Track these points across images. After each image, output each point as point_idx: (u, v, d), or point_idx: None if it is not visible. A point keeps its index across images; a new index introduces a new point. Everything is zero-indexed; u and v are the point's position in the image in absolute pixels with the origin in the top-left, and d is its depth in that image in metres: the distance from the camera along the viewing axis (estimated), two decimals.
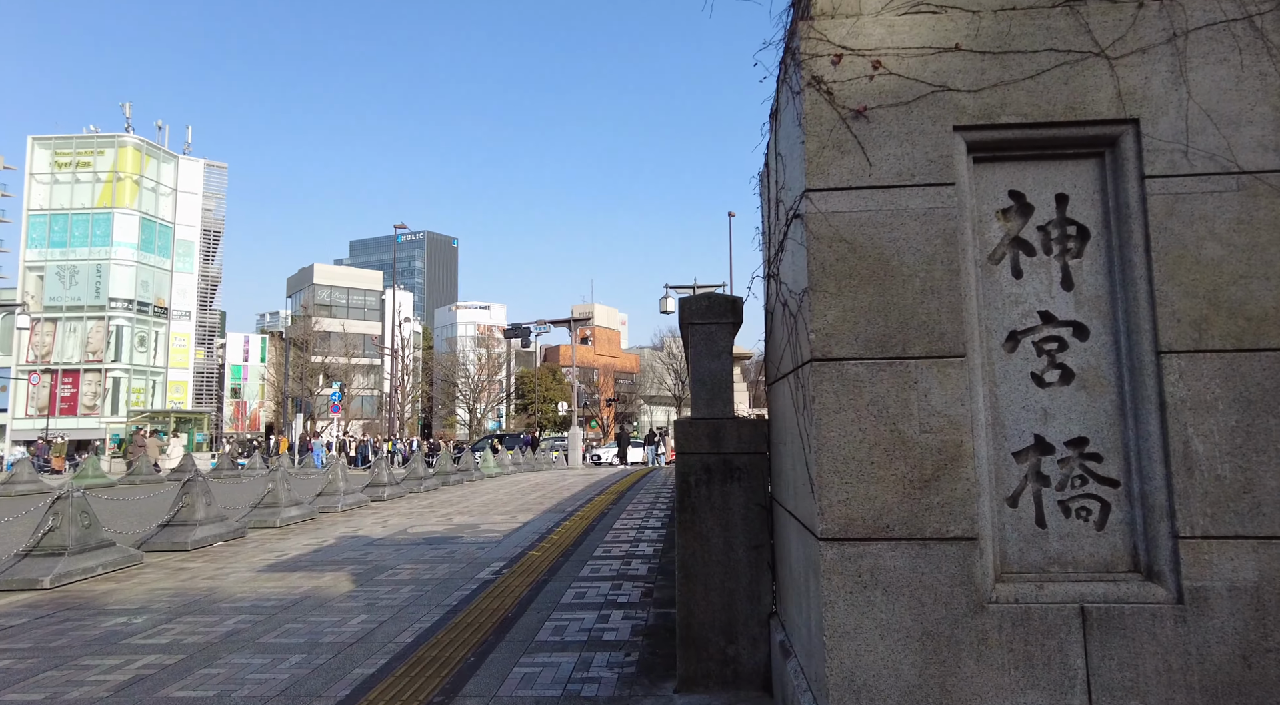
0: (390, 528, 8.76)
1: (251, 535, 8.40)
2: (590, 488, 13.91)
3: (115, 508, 11.20)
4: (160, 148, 58.95)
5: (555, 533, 7.93)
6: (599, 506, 10.37)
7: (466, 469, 16.68)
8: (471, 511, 10.27)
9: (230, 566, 6.52)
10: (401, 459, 30.86)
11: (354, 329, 66.63)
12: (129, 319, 54.20)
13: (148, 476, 18.00)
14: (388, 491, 12.29)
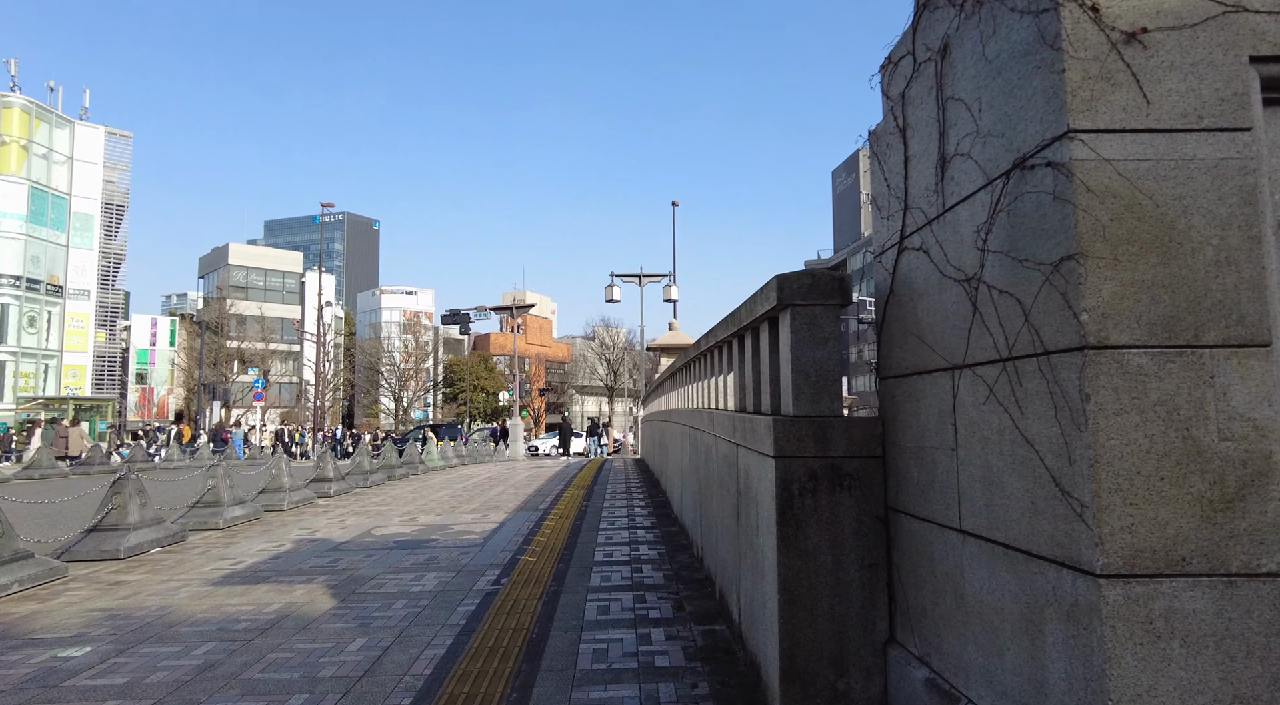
0: (350, 529, 7.97)
1: (193, 539, 7.46)
2: (551, 482, 13.29)
3: (19, 510, 9.92)
4: (53, 111, 54.19)
5: (540, 535, 7.33)
6: (572, 503, 9.80)
7: (411, 462, 15.75)
8: (434, 510, 9.53)
9: (178, 578, 5.67)
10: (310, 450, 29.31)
11: (272, 313, 63.33)
12: (15, 297, 49.76)
13: (48, 470, 16.27)
14: (334, 487, 11.36)
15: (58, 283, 53.03)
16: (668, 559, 6.00)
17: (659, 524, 7.77)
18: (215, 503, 8.28)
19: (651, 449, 14.67)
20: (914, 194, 2.64)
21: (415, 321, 76.16)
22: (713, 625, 4.20)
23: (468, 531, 7.64)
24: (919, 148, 2.59)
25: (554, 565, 5.86)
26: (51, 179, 53.51)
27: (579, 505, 9.53)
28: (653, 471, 14.21)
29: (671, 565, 5.77)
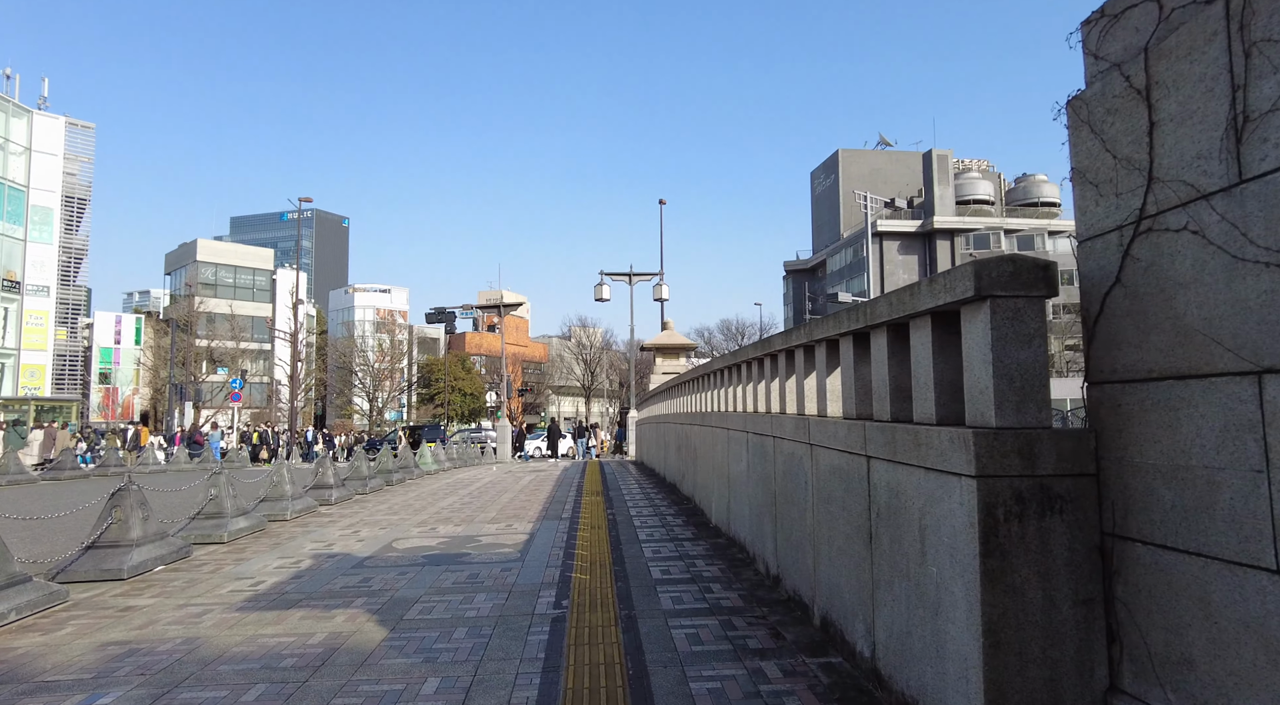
0: (369, 542, 7.40)
1: (198, 554, 6.85)
2: (560, 487, 12.77)
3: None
4: (9, 99, 52.11)
5: (580, 548, 6.84)
6: (596, 511, 9.31)
7: (406, 466, 15.10)
8: (450, 518, 8.97)
9: (195, 603, 5.09)
10: (284, 453, 28.29)
11: (242, 311, 61.66)
12: None
13: (16, 476, 15.31)
14: (336, 494, 10.73)
15: (15, 278, 51.00)
16: (732, 576, 5.56)
17: (702, 535, 7.32)
18: (218, 514, 7.65)
19: (660, 451, 14.21)
20: (1168, 164, 2.23)
21: (390, 320, 74.81)
22: (826, 657, 3.77)
23: (498, 544, 7.12)
24: (1181, 109, 2.18)
25: (611, 584, 5.38)
26: (8, 170, 51.48)
27: (604, 513, 9.05)
28: (661, 474, 13.76)
29: (740, 583, 5.33)
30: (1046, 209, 64.51)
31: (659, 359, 22.32)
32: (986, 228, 60.16)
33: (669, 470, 12.53)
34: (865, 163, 69.08)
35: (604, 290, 28.13)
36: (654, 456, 15.72)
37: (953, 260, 59.88)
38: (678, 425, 11.13)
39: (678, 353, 22.29)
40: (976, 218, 61.36)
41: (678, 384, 11.80)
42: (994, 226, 60.46)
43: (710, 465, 8.06)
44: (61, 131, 56.27)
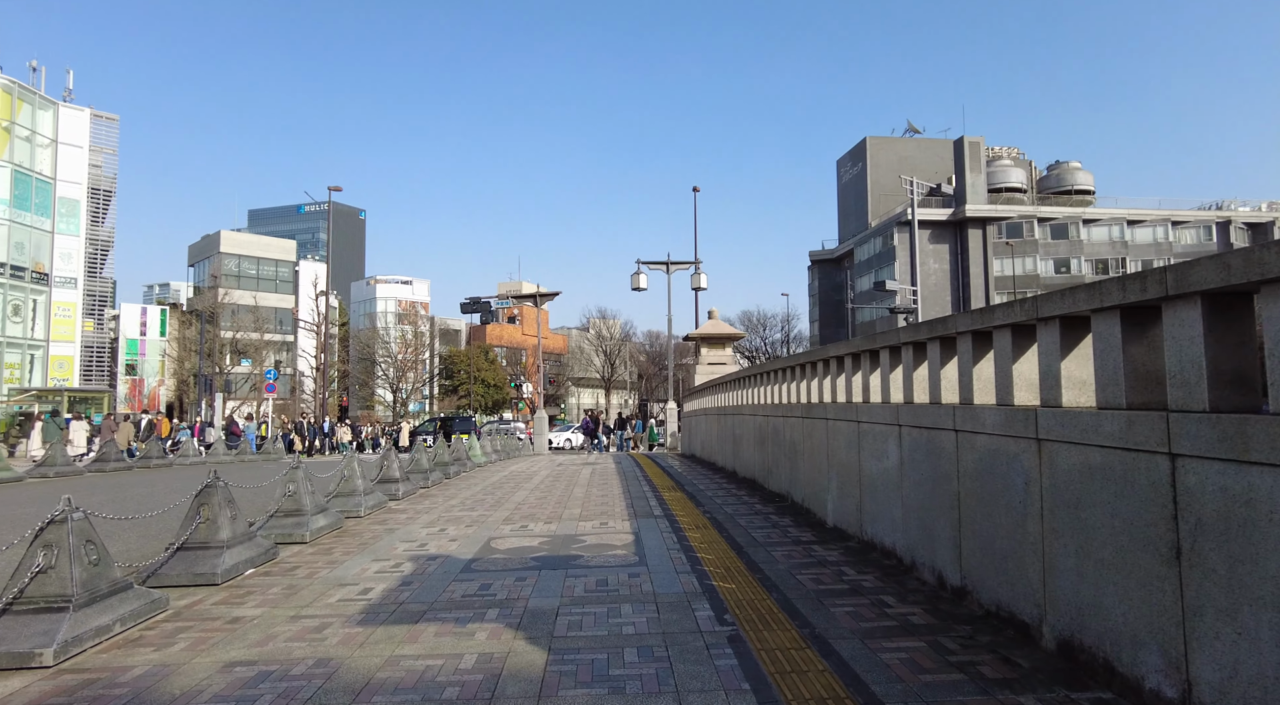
0: (461, 541, 6.86)
1: (284, 555, 6.34)
2: (628, 479, 12.23)
3: None
4: (36, 92, 52.10)
5: (701, 552, 6.28)
6: (686, 508, 8.75)
7: (460, 459, 14.61)
8: (535, 515, 8.43)
9: (306, 613, 4.57)
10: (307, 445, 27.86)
11: (265, 302, 61.61)
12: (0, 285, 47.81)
13: (63, 468, 14.96)
14: (402, 489, 10.24)
15: (43, 270, 51.11)
16: (896, 586, 4.96)
17: (826, 538, 6.73)
18: (297, 511, 7.14)
19: (728, 446, 13.62)
20: None
21: (412, 311, 74.57)
22: (1090, 691, 3.16)
23: (606, 545, 6.56)
24: None
25: (766, 594, 4.80)
26: (35, 162, 51.53)
27: (697, 511, 8.48)
28: (730, 469, 13.18)
29: (912, 595, 4.73)
30: (1080, 196, 63.17)
31: (704, 349, 21.71)
32: (1019, 216, 58.95)
33: (743, 465, 11.93)
34: (894, 151, 67.90)
35: (641, 279, 27.51)
36: (715, 450, 15.13)
37: (985, 249, 58.78)
38: (759, 418, 10.52)
39: (724, 342, 21.67)
40: (1008, 206, 60.15)
41: (754, 373, 11.19)
42: (1027, 215, 59.23)
43: (821, 461, 7.46)
44: (87, 123, 56.29)
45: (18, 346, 49.11)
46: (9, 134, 49.55)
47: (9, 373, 47.94)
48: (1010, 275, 57.91)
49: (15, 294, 49.29)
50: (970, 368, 4.60)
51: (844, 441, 6.76)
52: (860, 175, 69.37)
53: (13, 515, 9.39)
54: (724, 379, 13.85)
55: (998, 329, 4.31)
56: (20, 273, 49.64)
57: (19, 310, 49.63)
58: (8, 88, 49.89)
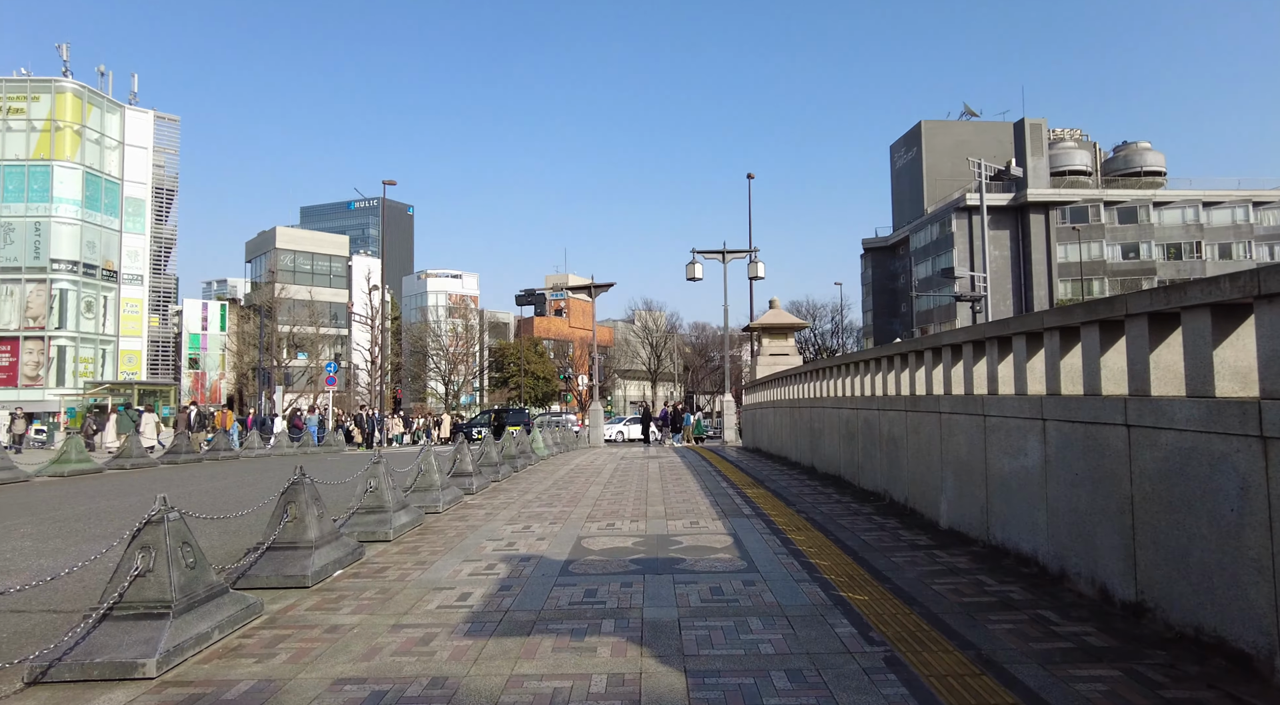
0: (549, 540, 6.53)
1: (369, 555, 6.08)
2: (700, 475, 11.80)
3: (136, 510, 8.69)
4: (104, 96, 53.79)
5: (809, 556, 5.82)
6: (775, 506, 8.29)
7: (525, 452, 14.39)
8: (618, 512, 8.06)
9: (407, 622, 4.25)
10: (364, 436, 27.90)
11: (319, 297, 62.83)
12: (74, 283, 49.67)
13: (139, 460, 15.22)
14: (475, 483, 10.00)
15: (112, 268, 52.87)
16: (1050, 598, 4.43)
17: (947, 542, 6.20)
18: (379, 508, 6.89)
19: (805, 440, 13.08)
20: None
21: (462, 304, 75.30)
22: None
23: (706, 547, 6.15)
24: None
25: (905, 607, 4.33)
26: (104, 164, 53.21)
27: (789, 510, 8.01)
28: (808, 465, 12.66)
29: (1074, 610, 4.20)
30: (1150, 178, 60.34)
31: (765, 339, 21.13)
32: (1084, 200, 56.59)
33: (823, 460, 11.40)
34: (950, 134, 65.84)
35: (696, 269, 26.97)
36: (786, 444, 14.60)
37: (1047, 234, 56.61)
38: (846, 411, 9.98)
39: (786, 332, 21.06)
40: (1072, 190, 57.77)
41: (839, 364, 10.64)
42: (1092, 198, 56.80)
43: (931, 458, 6.91)
44: (150, 125, 57.92)
45: (91, 341, 50.95)
46: (80, 137, 51.29)
47: (83, 367, 49.81)
48: (1075, 262, 55.65)
49: (88, 291, 51.09)
50: (1145, 355, 4.03)
51: (964, 437, 6.21)
52: (915, 160, 67.46)
53: (99, 508, 9.41)
54: (798, 370, 13.30)
55: (1189, 310, 3.74)
56: (92, 271, 51.42)
57: (91, 307, 51.46)
58: (78, 93, 51.63)
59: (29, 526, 7.79)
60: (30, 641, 4.15)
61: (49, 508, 9.37)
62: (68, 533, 7.41)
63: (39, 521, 8.13)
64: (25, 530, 7.55)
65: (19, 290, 48.69)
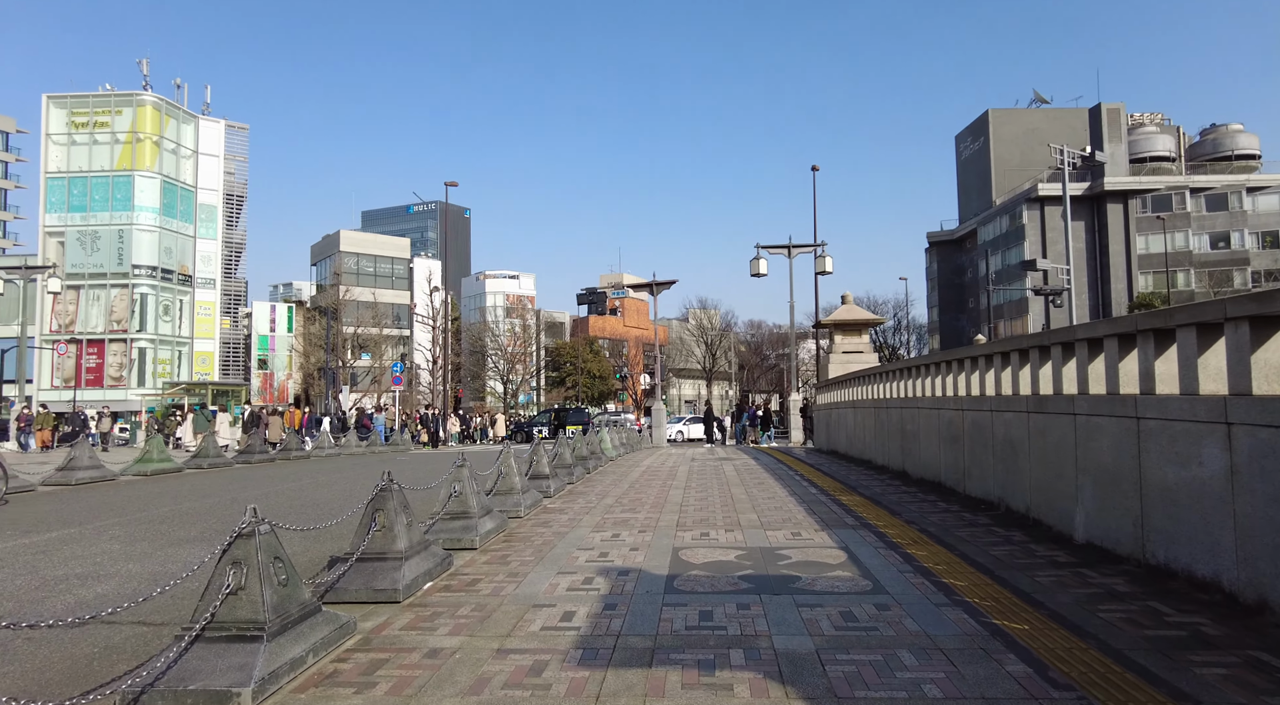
0: (643, 551, 6.10)
1: (458, 564, 5.76)
2: (779, 479, 11.24)
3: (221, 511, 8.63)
4: (180, 107, 55.90)
5: (936, 570, 5.24)
6: (878, 514, 7.69)
7: (596, 452, 14.06)
8: (707, 519, 7.59)
9: (513, 647, 3.86)
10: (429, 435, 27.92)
11: (382, 298, 64.10)
12: (153, 287, 51.75)
13: (215, 459, 15.46)
14: (552, 485, 9.67)
15: (187, 272, 54.90)
16: (1254, 636, 3.78)
17: (1093, 559, 5.54)
18: (464, 513, 6.58)
19: (893, 442, 12.38)
20: None
21: (519, 305, 75.95)
22: None
23: (816, 562, 5.62)
24: None
25: (1078, 640, 3.74)
26: (180, 172, 55.22)
27: (891, 518, 7.41)
28: (898, 469, 11.97)
29: None
30: (1242, 162, 56.77)
31: (838, 336, 20.35)
32: (1167, 187, 53.55)
33: (917, 464, 10.70)
34: (1019, 123, 63.24)
35: (761, 264, 26.32)
36: (870, 447, 13.89)
37: (1126, 225, 53.83)
38: (948, 412, 9.29)
39: (860, 329, 20.24)
40: (1155, 177, 54.75)
41: (937, 362, 9.94)
42: (1177, 185, 53.72)
43: (1062, 463, 6.24)
44: (221, 134, 59.96)
45: (168, 343, 52.97)
46: (159, 148, 53.39)
47: (161, 368, 51.84)
48: (1158, 253, 52.74)
49: (165, 295, 53.13)
50: None
51: (1107, 441, 5.53)
52: (982, 151, 65.03)
53: (182, 510, 9.40)
54: (884, 368, 12.59)
55: None
56: (169, 275, 53.45)
57: (169, 310, 53.55)
58: (157, 105, 53.73)
59: (118, 528, 7.75)
60: (121, 659, 3.92)
61: (135, 508, 9.39)
62: (154, 535, 7.32)
63: (126, 523, 8.10)
64: (114, 532, 7.51)
65: (104, 295, 50.98)
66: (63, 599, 4.99)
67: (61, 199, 51.80)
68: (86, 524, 8.04)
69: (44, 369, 48.81)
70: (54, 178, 51.88)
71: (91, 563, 6.07)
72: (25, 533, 7.58)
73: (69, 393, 45.07)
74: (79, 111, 52.56)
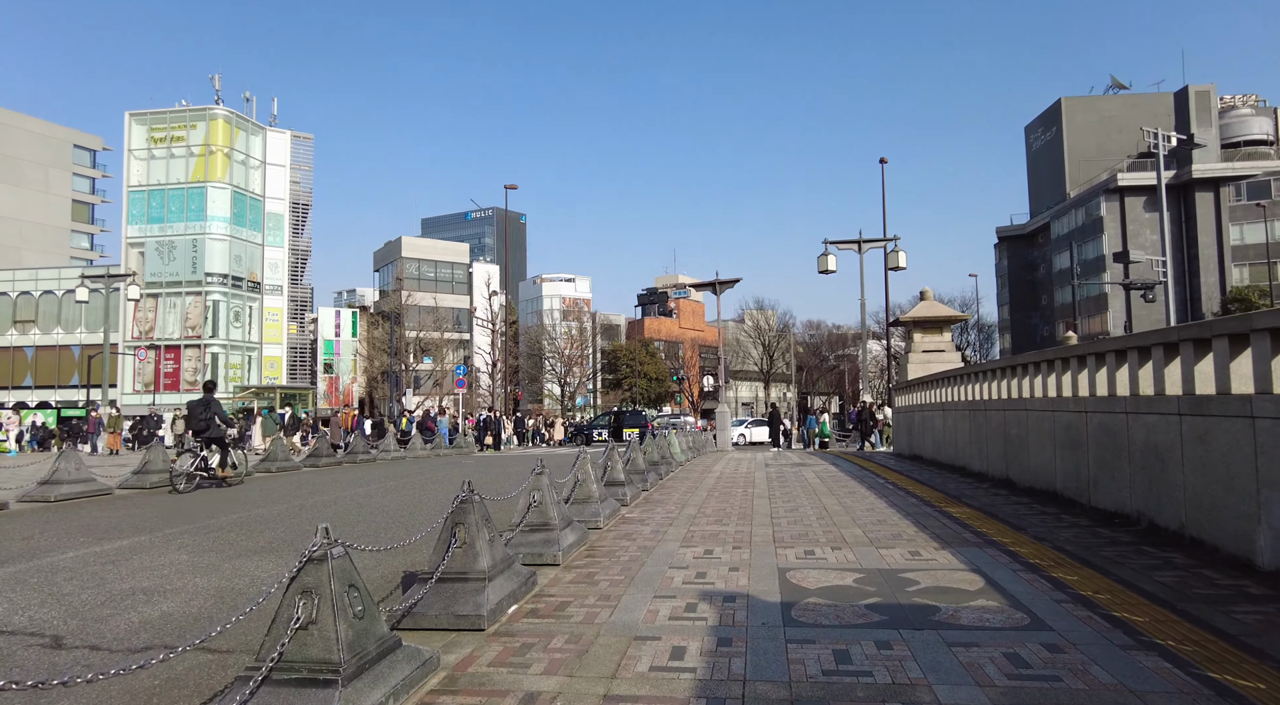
0: (744, 571, 5.45)
1: (542, 583, 5.22)
2: (870, 484, 10.44)
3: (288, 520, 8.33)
4: (249, 120, 57.68)
5: (1099, 601, 4.46)
6: (990, 525, 6.88)
7: (667, 458, 13.48)
8: (806, 534, 6.89)
9: (620, 692, 3.28)
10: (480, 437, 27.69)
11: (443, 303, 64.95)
12: (224, 294, 53.44)
13: (284, 463, 15.45)
14: (629, 492, 9.11)
15: (256, 279, 56.54)
16: None
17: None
18: (544, 525, 6.05)
19: (993, 448, 11.44)
20: None
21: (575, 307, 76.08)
22: None
23: (951, 587, 4.89)
24: None
25: None
26: (249, 182, 56.93)
27: (1016, 533, 6.58)
28: (987, 474, 11.03)
29: None
30: None
31: (917, 334, 19.30)
32: (1265, 173, 50.07)
33: (1024, 471, 9.77)
34: (1094, 111, 60.19)
35: (829, 260, 25.34)
36: (964, 452, 12.93)
37: (1218, 214, 50.59)
38: (1066, 414, 8.38)
39: (941, 326, 19.15)
40: (1250, 162, 51.30)
41: (1051, 359, 9.02)
42: (1276, 171, 50.17)
43: (1236, 476, 5.35)
44: (288, 144, 61.62)
45: (239, 348, 54.61)
46: (229, 159, 55.20)
47: (233, 372, 53.49)
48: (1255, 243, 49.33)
49: (235, 302, 54.81)
50: None
51: None
52: (1054, 141, 62.15)
53: (249, 517, 9.18)
54: (983, 367, 11.63)
55: None
56: (239, 282, 55.10)
57: (239, 316, 55.26)
58: (228, 118, 55.53)
59: (187, 536, 7.51)
60: (182, 695, 3.48)
61: (205, 514, 9.21)
62: (221, 545, 7.02)
63: (195, 531, 7.87)
64: (183, 540, 7.25)
65: (180, 303, 52.90)
66: (127, 617, 4.64)
67: (142, 211, 53.99)
68: (156, 531, 7.82)
69: (126, 374, 50.86)
70: (135, 191, 54.10)
71: (159, 575, 5.75)
72: (99, 539, 7.39)
73: (149, 397, 46.79)
74: (158, 127, 54.73)
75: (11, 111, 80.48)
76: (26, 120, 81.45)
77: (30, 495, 10.60)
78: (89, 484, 11.15)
